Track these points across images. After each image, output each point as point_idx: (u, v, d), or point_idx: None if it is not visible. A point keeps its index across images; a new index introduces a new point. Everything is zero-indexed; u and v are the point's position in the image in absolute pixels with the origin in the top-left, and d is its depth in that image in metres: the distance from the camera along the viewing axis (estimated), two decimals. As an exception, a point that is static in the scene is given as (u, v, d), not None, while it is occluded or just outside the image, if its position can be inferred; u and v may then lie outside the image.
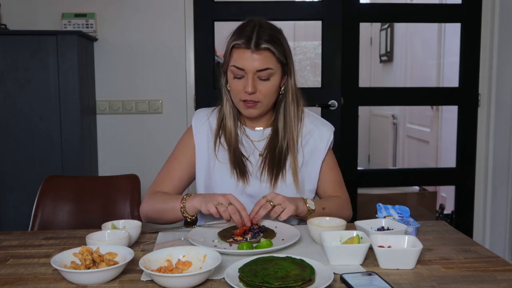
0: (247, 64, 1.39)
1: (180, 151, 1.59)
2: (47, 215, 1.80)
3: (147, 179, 2.23)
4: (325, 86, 2.85)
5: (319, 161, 1.55)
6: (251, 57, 1.39)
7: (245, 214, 1.30)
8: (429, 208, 3.64)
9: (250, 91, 1.40)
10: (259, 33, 1.39)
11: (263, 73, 1.40)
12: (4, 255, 1.24)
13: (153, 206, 1.48)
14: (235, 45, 1.41)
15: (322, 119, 1.62)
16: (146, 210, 1.50)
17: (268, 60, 1.40)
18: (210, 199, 1.32)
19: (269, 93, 1.44)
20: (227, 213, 1.29)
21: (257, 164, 1.51)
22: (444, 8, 3.19)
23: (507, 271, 1.11)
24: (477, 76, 2.93)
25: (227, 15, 2.82)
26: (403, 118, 4.73)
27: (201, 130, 1.56)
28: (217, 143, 1.53)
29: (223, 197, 1.31)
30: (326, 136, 1.56)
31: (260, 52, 1.38)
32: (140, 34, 2.74)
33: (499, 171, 2.84)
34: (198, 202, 1.35)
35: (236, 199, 1.31)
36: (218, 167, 1.51)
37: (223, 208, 1.29)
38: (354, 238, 1.18)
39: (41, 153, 2.43)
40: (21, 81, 2.40)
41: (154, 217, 1.49)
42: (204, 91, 2.80)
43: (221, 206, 1.30)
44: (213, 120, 1.56)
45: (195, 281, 1.00)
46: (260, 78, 1.41)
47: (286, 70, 1.47)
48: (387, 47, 4.92)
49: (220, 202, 1.30)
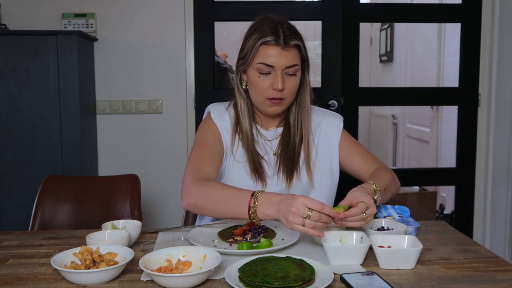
0: (276, 61, 1.39)
1: (206, 136, 1.49)
2: (47, 215, 1.80)
3: (147, 179, 2.24)
4: (325, 86, 2.85)
5: (335, 150, 1.54)
6: (281, 54, 1.39)
7: (325, 218, 1.15)
8: (429, 208, 3.64)
9: (280, 87, 1.39)
10: (284, 30, 1.40)
11: (291, 69, 1.41)
12: (4, 255, 1.24)
13: (208, 194, 1.31)
14: (265, 42, 1.40)
15: (329, 111, 1.62)
16: (196, 199, 1.32)
17: (296, 56, 1.41)
18: (287, 211, 1.16)
19: (294, 90, 1.44)
20: (311, 232, 1.15)
21: (272, 164, 1.50)
22: (444, 8, 3.19)
23: (507, 271, 1.11)
24: (477, 76, 2.93)
25: (227, 15, 2.82)
26: (403, 118, 4.73)
27: (224, 121, 1.52)
28: (235, 140, 1.50)
29: (301, 206, 1.14)
30: (336, 124, 1.56)
31: (289, 48, 1.39)
32: (140, 34, 2.74)
33: (499, 171, 2.84)
34: (274, 212, 1.20)
35: (314, 204, 1.15)
36: (235, 165, 1.49)
37: (305, 228, 1.15)
38: (339, 207, 1.20)
39: (41, 153, 2.43)
40: (21, 81, 2.40)
41: (206, 207, 1.32)
42: (204, 91, 2.80)
43: (303, 221, 1.14)
44: (232, 113, 1.54)
45: (195, 281, 1.00)
46: (287, 74, 1.42)
47: (304, 67, 1.47)
48: (387, 47, 4.92)
49: (297, 222, 1.15)
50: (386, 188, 1.40)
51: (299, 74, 1.44)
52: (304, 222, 1.14)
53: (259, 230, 1.30)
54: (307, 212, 1.13)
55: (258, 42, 1.40)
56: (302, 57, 1.44)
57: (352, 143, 1.57)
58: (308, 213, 1.13)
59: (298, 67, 1.42)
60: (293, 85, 1.43)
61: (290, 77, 1.42)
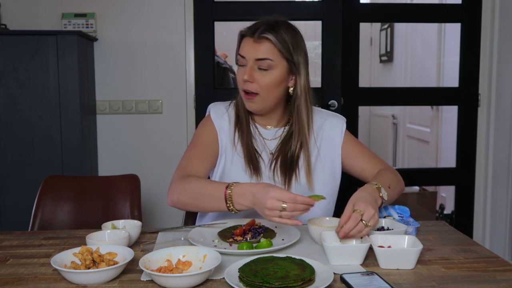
0: (248, 52, 1.42)
1: (202, 135, 1.53)
2: (47, 215, 1.80)
3: (147, 179, 2.24)
4: (325, 86, 2.85)
5: (337, 151, 1.54)
6: (252, 45, 1.41)
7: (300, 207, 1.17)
8: (429, 208, 3.64)
9: (246, 78, 1.41)
10: (262, 25, 1.42)
11: (263, 63, 1.40)
12: (4, 255, 1.24)
13: (188, 190, 1.36)
14: (241, 33, 1.45)
15: (332, 112, 1.62)
16: (178, 196, 1.38)
17: (268, 50, 1.40)
18: (262, 206, 1.19)
19: (267, 86, 1.42)
20: (289, 222, 1.18)
21: (268, 163, 1.50)
22: (444, 8, 3.19)
23: (507, 271, 1.11)
24: (477, 76, 2.94)
25: (227, 15, 2.82)
26: (403, 118, 4.73)
27: (222, 120, 1.54)
28: (236, 137, 1.51)
29: (273, 201, 1.17)
30: (339, 126, 1.56)
31: (261, 41, 1.40)
32: (140, 34, 2.74)
33: (499, 171, 2.84)
34: (250, 203, 1.24)
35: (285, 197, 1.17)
36: (236, 160, 1.50)
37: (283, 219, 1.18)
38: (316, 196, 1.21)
39: (41, 153, 2.43)
40: (21, 81, 2.40)
41: (188, 203, 1.38)
42: (204, 91, 2.80)
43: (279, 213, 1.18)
44: (232, 113, 1.55)
45: (195, 281, 1.00)
46: (260, 68, 1.41)
47: (293, 69, 1.45)
48: (387, 47, 4.92)
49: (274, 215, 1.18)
50: (390, 186, 1.40)
51: (275, 72, 1.42)
52: (281, 215, 1.17)
53: (259, 230, 1.30)
54: (282, 205, 1.16)
55: (239, 34, 1.46)
56: (283, 55, 1.42)
57: (355, 144, 1.57)
58: (283, 205, 1.16)
59: (272, 63, 1.41)
60: (266, 81, 1.42)
61: (263, 72, 1.41)
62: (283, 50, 1.41)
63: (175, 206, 1.40)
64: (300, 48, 1.46)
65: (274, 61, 1.41)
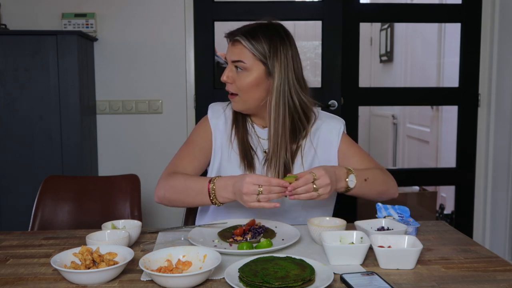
0: (227, 54, 1.49)
1: (197, 135, 1.58)
2: (47, 215, 1.80)
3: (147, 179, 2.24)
4: (325, 86, 2.85)
5: (334, 153, 1.54)
6: (230, 48, 1.48)
7: (276, 189, 1.24)
8: (429, 208, 3.64)
9: (224, 79, 1.47)
10: (244, 30, 1.46)
11: (238, 64, 1.46)
12: (4, 255, 1.24)
13: (173, 186, 1.42)
14: (224, 36, 1.51)
15: (331, 114, 1.62)
16: (164, 192, 1.44)
17: (240, 53, 1.45)
18: (240, 193, 1.26)
19: (244, 87, 1.45)
20: (267, 205, 1.25)
21: (262, 160, 1.51)
22: (444, 8, 3.19)
23: (507, 271, 1.11)
24: (477, 76, 2.93)
25: (227, 15, 2.82)
26: (403, 118, 4.73)
27: (218, 120, 1.57)
28: (232, 134, 1.54)
29: (249, 185, 1.24)
30: (336, 128, 1.56)
31: (235, 44, 1.47)
32: (140, 34, 2.74)
33: (499, 171, 2.84)
34: (231, 194, 1.30)
35: (260, 180, 1.24)
36: (232, 157, 1.52)
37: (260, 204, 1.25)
38: (289, 177, 1.26)
39: (41, 153, 2.43)
40: (21, 81, 2.39)
41: (173, 198, 1.43)
42: (204, 91, 2.80)
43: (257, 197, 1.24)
44: (229, 112, 1.59)
45: (195, 281, 1.00)
46: (239, 69, 1.46)
47: (269, 69, 1.45)
48: (387, 47, 4.92)
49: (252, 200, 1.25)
50: (367, 180, 1.41)
51: (251, 74, 1.44)
52: (258, 199, 1.24)
53: (259, 230, 1.31)
54: (257, 189, 1.23)
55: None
56: (258, 58, 1.43)
57: (351, 146, 1.57)
58: (259, 189, 1.23)
59: (246, 65, 1.44)
60: (242, 82, 1.45)
61: (240, 73, 1.46)
62: (256, 53, 1.44)
63: (161, 202, 1.47)
64: (277, 51, 1.44)
65: (247, 64, 1.44)
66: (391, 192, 1.51)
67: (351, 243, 1.18)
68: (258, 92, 1.47)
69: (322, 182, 1.27)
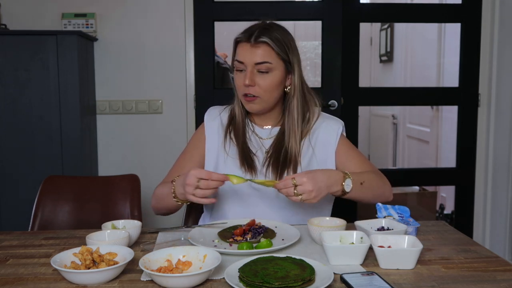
0: (246, 57, 1.44)
1: (192, 145, 1.61)
2: (47, 215, 1.80)
3: (147, 179, 2.24)
4: (325, 86, 2.85)
5: (331, 154, 1.54)
6: (250, 50, 1.43)
7: (213, 184, 1.29)
8: (429, 208, 3.64)
9: (247, 83, 1.43)
10: (257, 29, 1.44)
11: (262, 66, 1.43)
12: (4, 255, 1.24)
13: (155, 194, 1.51)
14: (237, 39, 1.47)
15: (330, 116, 1.62)
16: (152, 202, 1.53)
17: (266, 54, 1.43)
18: (184, 185, 1.31)
19: (268, 88, 1.45)
20: (202, 201, 1.31)
21: (263, 161, 1.51)
22: (444, 8, 3.19)
23: (507, 271, 1.11)
24: (477, 76, 2.93)
25: (227, 15, 2.82)
26: (403, 118, 4.73)
27: (213, 125, 1.58)
28: (227, 138, 1.55)
29: (192, 177, 1.28)
30: (335, 129, 1.56)
31: (259, 45, 1.42)
32: (140, 34, 2.74)
33: (499, 171, 2.84)
34: (182, 188, 1.34)
35: (202, 174, 1.29)
36: (228, 161, 1.52)
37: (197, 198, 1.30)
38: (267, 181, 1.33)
39: (41, 153, 2.43)
40: (21, 81, 2.39)
41: (157, 206, 1.52)
42: (204, 91, 2.80)
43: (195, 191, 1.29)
44: (225, 116, 1.59)
45: (195, 281, 1.00)
46: (259, 71, 1.44)
47: (289, 68, 1.48)
48: (387, 47, 4.92)
49: (190, 192, 1.30)
50: (363, 183, 1.41)
51: (275, 74, 1.45)
52: (194, 193, 1.29)
53: (259, 230, 1.31)
54: (196, 183, 1.27)
55: (235, 41, 1.48)
56: (280, 57, 1.44)
57: (349, 149, 1.57)
58: (197, 183, 1.27)
59: (271, 65, 1.43)
60: (267, 83, 1.44)
61: (263, 75, 1.44)
62: (280, 51, 1.44)
63: (155, 212, 1.55)
64: (293, 47, 1.48)
65: (273, 64, 1.43)
66: (386, 195, 1.52)
67: (351, 243, 1.18)
68: (278, 91, 1.48)
69: (303, 188, 1.28)
